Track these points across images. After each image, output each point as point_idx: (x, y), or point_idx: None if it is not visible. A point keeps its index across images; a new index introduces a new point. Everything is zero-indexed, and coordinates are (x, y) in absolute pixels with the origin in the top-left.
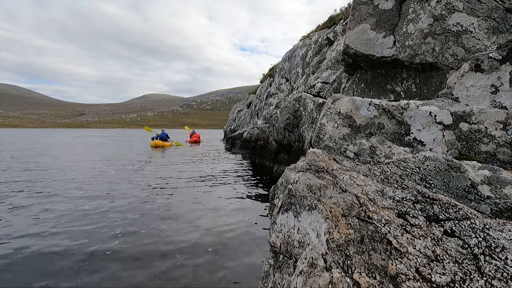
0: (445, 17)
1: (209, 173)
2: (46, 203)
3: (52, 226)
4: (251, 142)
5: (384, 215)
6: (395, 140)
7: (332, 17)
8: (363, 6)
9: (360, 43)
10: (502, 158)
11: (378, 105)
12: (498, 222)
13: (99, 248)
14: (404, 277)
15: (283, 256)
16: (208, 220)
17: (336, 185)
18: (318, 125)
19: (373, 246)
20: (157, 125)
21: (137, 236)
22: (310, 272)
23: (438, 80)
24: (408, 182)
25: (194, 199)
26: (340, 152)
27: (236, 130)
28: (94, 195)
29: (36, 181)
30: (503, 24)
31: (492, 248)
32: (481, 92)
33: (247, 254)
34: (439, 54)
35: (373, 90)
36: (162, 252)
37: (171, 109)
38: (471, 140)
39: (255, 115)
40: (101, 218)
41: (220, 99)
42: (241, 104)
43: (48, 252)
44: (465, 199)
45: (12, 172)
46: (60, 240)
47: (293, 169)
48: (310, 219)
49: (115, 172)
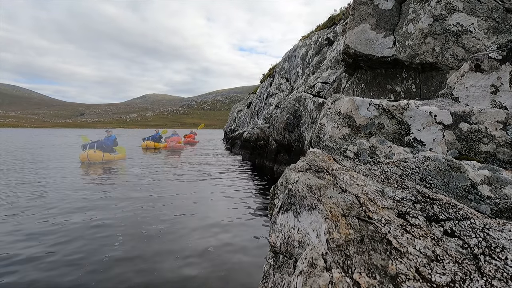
0: (445, 17)
1: (209, 173)
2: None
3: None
4: (251, 142)
5: (384, 215)
6: (395, 140)
7: (332, 17)
8: (363, 6)
9: (360, 43)
10: (502, 158)
11: (378, 105)
12: (498, 222)
13: (99, 247)
14: (404, 277)
15: (283, 256)
16: (208, 220)
17: (336, 185)
18: (318, 125)
19: (373, 246)
20: (157, 125)
21: (136, 236)
22: (310, 272)
23: (438, 80)
24: (408, 182)
25: (193, 199)
26: (340, 152)
27: (236, 130)
28: (95, 197)
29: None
30: (503, 24)
31: (492, 248)
32: (481, 92)
33: (247, 254)
34: (439, 54)
35: (373, 90)
36: (161, 253)
37: (171, 109)
38: (471, 140)
39: (255, 115)
40: (102, 218)
41: (220, 99)
42: (241, 104)
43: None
44: (465, 199)
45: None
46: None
47: (293, 169)
48: (310, 219)
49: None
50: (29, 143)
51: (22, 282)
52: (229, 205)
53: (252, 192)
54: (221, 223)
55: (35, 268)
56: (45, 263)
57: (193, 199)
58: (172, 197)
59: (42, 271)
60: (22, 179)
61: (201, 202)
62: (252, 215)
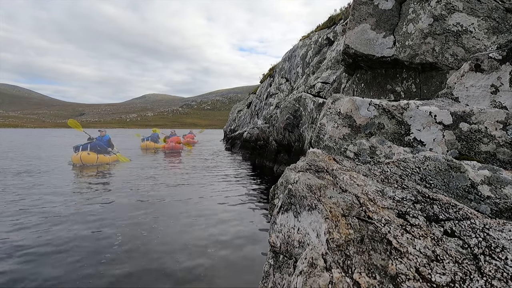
0: (445, 17)
1: (208, 173)
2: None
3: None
4: (251, 142)
5: (384, 215)
6: (395, 140)
7: (332, 17)
8: (363, 6)
9: (360, 43)
10: (502, 158)
11: (378, 105)
12: (498, 222)
13: (98, 247)
14: (404, 277)
15: (283, 256)
16: (208, 220)
17: (336, 185)
18: (318, 125)
19: (373, 246)
20: (157, 125)
21: (136, 237)
22: (310, 272)
23: (438, 80)
24: (408, 182)
25: (193, 198)
26: (340, 152)
27: (236, 130)
28: (94, 195)
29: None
30: (503, 24)
31: (492, 248)
32: (481, 92)
33: (247, 254)
34: (439, 54)
35: (373, 90)
36: (162, 253)
37: (171, 109)
38: (471, 140)
39: (255, 115)
40: (103, 216)
41: (220, 99)
42: (241, 104)
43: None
44: (465, 199)
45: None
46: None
47: (293, 169)
48: (310, 219)
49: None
50: (27, 143)
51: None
52: (229, 205)
53: (252, 192)
54: (221, 223)
55: (32, 269)
56: (45, 264)
57: (192, 199)
58: (172, 197)
59: (39, 272)
60: (18, 183)
61: (200, 202)
62: (252, 215)
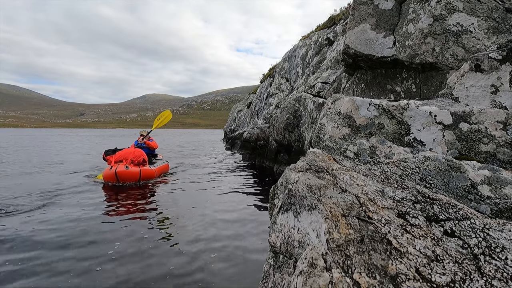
0: (445, 17)
1: (208, 173)
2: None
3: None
4: (251, 142)
5: (384, 215)
6: (395, 140)
7: (332, 17)
8: (363, 6)
9: (360, 43)
10: (502, 158)
11: (378, 105)
12: (498, 222)
13: (97, 247)
14: (404, 277)
15: (283, 256)
16: (207, 220)
17: (336, 185)
18: (318, 125)
19: (373, 246)
20: None
21: (135, 237)
22: (310, 272)
23: (438, 80)
24: (408, 182)
25: (192, 199)
26: (340, 152)
27: (236, 130)
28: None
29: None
30: (503, 24)
31: (492, 248)
32: (481, 92)
33: (247, 254)
34: (439, 54)
35: (373, 90)
36: (161, 253)
37: (171, 109)
38: (471, 140)
39: (255, 115)
40: (101, 217)
41: (220, 99)
42: (241, 104)
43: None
44: (465, 199)
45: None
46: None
47: (293, 169)
48: (310, 219)
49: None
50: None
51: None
52: (228, 205)
53: (252, 192)
54: (221, 223)
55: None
56: (43, 265)
57: (192, 199)
58: (171, 197)
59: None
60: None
61: (200, 202)
62: (252, 215)
